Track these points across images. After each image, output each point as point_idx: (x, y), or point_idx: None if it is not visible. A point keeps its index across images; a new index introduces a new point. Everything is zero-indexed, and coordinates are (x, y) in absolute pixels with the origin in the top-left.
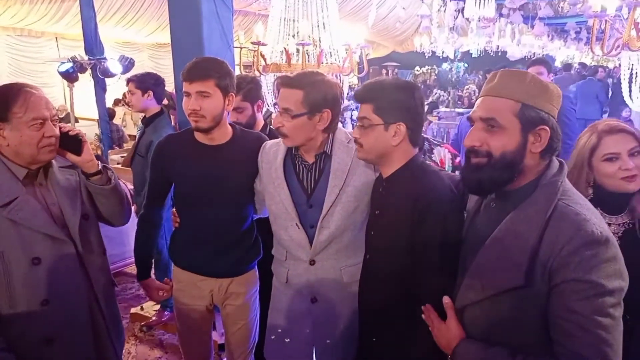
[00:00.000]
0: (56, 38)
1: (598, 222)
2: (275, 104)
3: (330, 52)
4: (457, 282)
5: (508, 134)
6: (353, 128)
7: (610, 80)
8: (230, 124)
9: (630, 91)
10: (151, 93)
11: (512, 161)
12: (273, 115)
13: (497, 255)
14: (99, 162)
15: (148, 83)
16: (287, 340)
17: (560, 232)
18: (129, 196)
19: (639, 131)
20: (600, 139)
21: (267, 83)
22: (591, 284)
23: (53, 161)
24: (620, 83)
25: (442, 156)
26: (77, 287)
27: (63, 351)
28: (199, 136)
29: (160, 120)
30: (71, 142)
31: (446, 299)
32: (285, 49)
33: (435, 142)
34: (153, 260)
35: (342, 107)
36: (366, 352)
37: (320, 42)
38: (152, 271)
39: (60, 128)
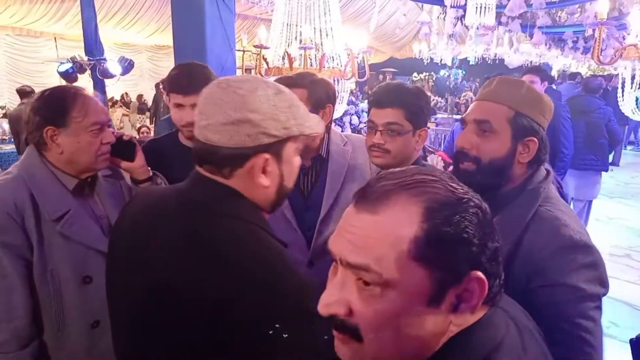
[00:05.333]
0: (55, 38)
1: (578, 228)
2: None
3: (332, 57)
4: None
5: (499, 139)
6: (352, 132)
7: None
8: None
9: (637, 100)
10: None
11: (500, 168)
12: None
13: None
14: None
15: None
16: None
17: (539, 236)
18: None
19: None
20: None
21: None
22: (572, 288)
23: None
24: (616, 91)
25: (435, 164)
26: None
27: None
28: (184, 140)
29: None
30: (123, 148)
31: None
32: (287, 52)
33: (430, 149)
34: None
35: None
36: None
37: (322, 46)
38: None
39: (113, 134)
